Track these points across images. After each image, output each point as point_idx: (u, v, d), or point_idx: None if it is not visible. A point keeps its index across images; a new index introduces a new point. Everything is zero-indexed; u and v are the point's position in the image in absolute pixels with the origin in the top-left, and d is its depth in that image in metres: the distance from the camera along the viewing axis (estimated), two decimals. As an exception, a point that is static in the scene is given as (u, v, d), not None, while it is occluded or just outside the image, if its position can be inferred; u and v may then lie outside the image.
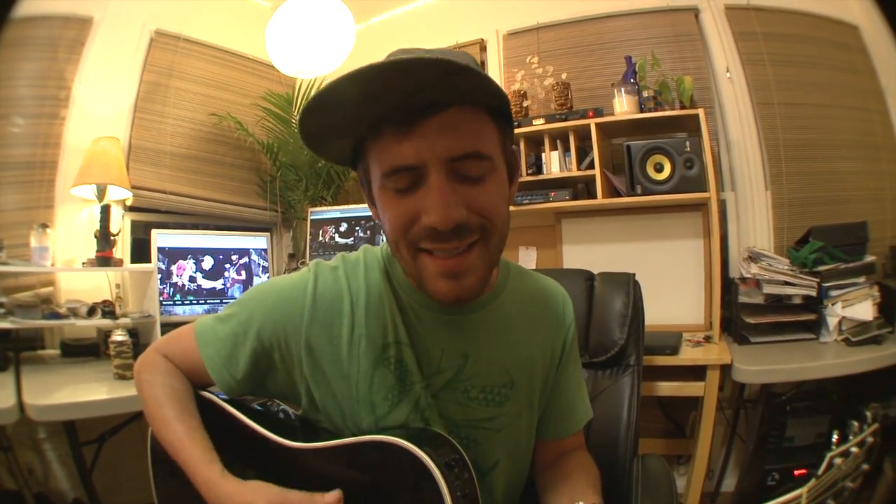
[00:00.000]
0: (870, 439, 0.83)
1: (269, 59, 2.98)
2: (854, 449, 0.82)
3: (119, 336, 2.16)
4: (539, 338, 1.02)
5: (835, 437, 0.84)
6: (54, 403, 1.99)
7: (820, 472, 0.80)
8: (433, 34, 3.45)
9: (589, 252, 2.91)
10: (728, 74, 2.81)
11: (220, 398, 1.00)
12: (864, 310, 2.27)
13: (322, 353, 0.93)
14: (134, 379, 1.02)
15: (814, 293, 2.33)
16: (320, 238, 3.15)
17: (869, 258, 2.39)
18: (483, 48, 3.31)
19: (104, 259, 2.53)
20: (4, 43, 2.51)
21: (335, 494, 0.81)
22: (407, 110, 0.76)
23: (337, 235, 3.12)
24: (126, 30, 2.95)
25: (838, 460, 0.80)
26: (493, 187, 0.82)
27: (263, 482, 0.86)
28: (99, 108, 2.85)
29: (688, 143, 2.41)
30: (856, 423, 0.84)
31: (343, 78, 0.71)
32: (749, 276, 2.42)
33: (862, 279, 2.31)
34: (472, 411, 0.95)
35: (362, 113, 0.78)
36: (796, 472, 2.25)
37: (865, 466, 0.83)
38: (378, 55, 0.79)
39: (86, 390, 2.12)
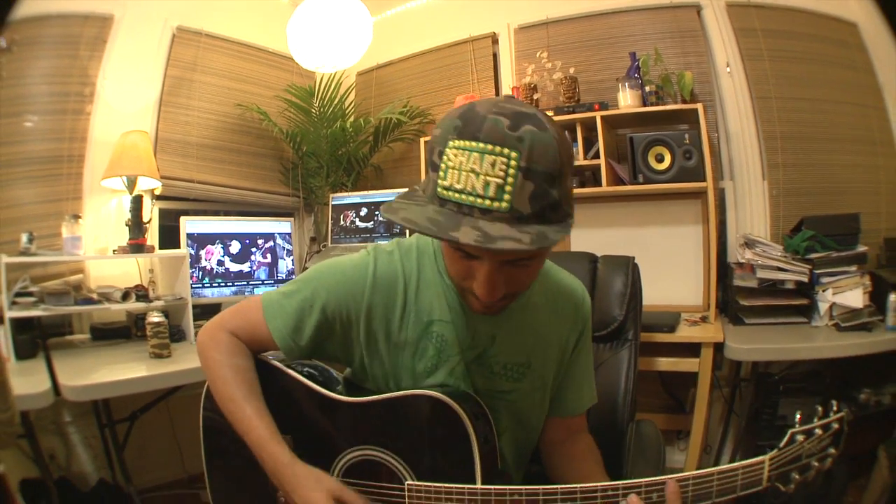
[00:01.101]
0: (835, 426, 0.93)
1: (289, 52, 3.09)
2: (818, 431, 0.93)
3: (155, 318, 2.24)
4: (557, 329, 1.17)
5: (798, 416, 0.95)
6: (92, 383, 2.04)
7: (781, 444, 0.93)
8: (447, 28, 3.59)
9: (595, 236, 3.01)
10: (728, 69, 2.89)
11: (273, 360, 1.16)
12: (855, 297, 2.34)
13: (377, 325, 1.09)
14: (200, 354, 1.14)
15: (805, 279, 2.43)
16: (341, 222, 3.30)
17: (861, 248, 2.46)
18: (495, 41, 3.45)
19: (137, 246, 2.62)
20: (23, 42, 2.62)
21: None
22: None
23: (357, 220, 3.27)
24: (148, 27, 3.05)
25: (800, 437, 0.92)
26: (534, 267, 0.98)
27: (326, 473, 1.01)
28: (124, 103, 2.96)
29: (687, 136, 2.53)
30: (820, 409, 0.95)
31: (439, 232, 0.84)
32: (744, 261, 2.54)
33: (853, 268, 2.39)
34: (494, 383, 1.11)
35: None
36: None
37: (833, 450, 0.93)
38: (393, 47, 0.98)
39: (123, 369, 2.17)
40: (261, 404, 1.07)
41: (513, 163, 0.82)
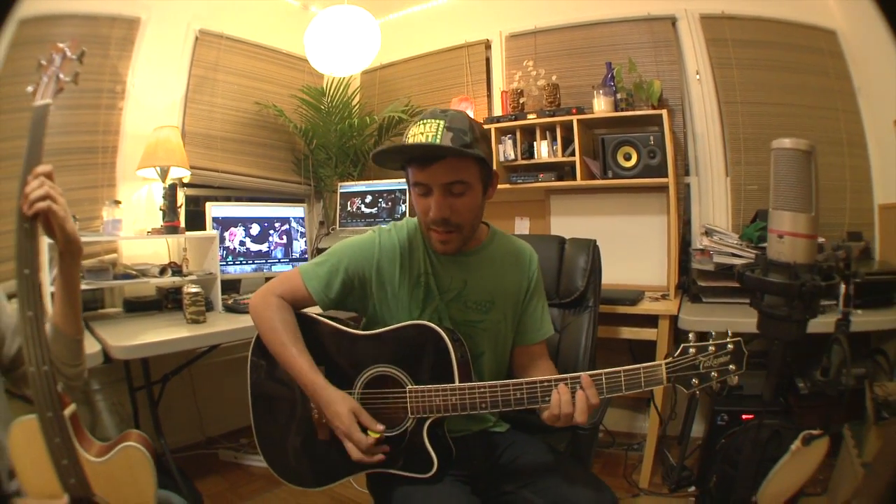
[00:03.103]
0: (730, 346, 1.24)
1: (301, 53, 3.40)
2: (711, 348, 1.24)
3: (193, 288, 2.58)
4: (512, 277, 1.59)
5: (691, 336, 1.27)
6: (140, 343, 2.28)
7: (676, 354, 1.26)
8: (445, 33, 3.89)
9: (572, 223, 3.34)
10: (697, 76, 3.16)
11: (311, 314, 1.55)
12: None
13: (384, 280, 1.52)
14: (254, 313, 1.53)
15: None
16: (348, 208, 3.66)
17: (818, 240, 2.72)
18: (488, 47, 3.76)
19: (172, 228, 2.90)
20: (48, 38, 2.72)
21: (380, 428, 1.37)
22: (427, 158, 1.37)
23: (363, 206, 3.63)
24: (172, 30, 3.31)
25: (692, 350, 1.25)
26: (468, 200, 1.42)
27: (350, 395, 1.42)
28: (153, 100, 3.22)
29: (652, 138, 2.87)
30: (714, 332, 1.28)
31: (400, 146, 1.38)
32: (703, 247, 2.86)
33: None
34: (468, 315, 1.54)
35: (407, 158, 1.42)
36: (743, 416, 2.47)
37: (733, 367, 1.23)
38: (395, 49, 2.21)
39: (166, 332, 2.44)
40: (303, 346, 1.47)
41: (440, 122, 1.36)
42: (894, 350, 2.55)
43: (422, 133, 1.35)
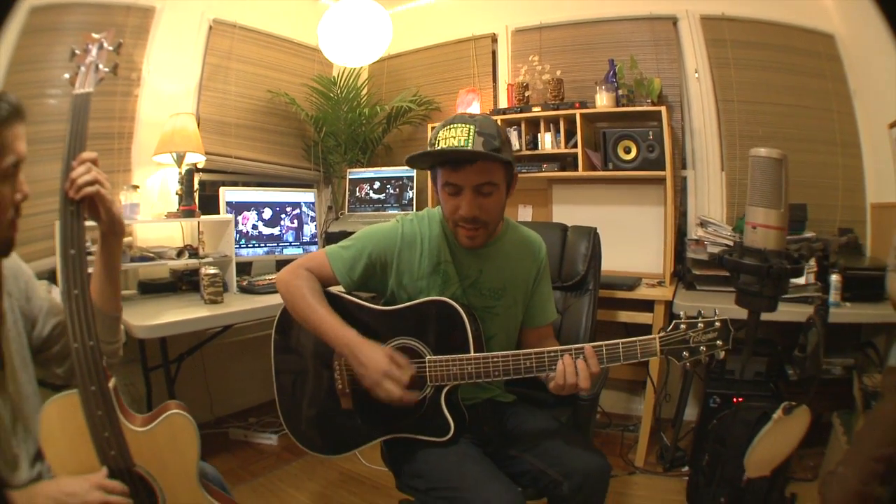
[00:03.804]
0: (717, 323, 1.38)
1: (312, 43, 3.51)
2: (700, 325, 1.39)
3: (212, 270, 2.66)
4: (522, 265, 1.73)
5: (682, 314, 1.42)
6: (161, 322, 2.34)
7: (668, 329, 1.41)
8: (452, 25, 4.00)
9: (573, 211, 3.46)
10: (696, 75, 3.27)
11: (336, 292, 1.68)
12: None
13: (404, 265, 1.66)
14: (284, 284, 1.64)
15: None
16: (357, 194, 3.80)
17: (808, 234, 2.79)
18: (494, 41, 3.87)
19: (189, 212, 2.97)
20: (61, 26, 2.77)
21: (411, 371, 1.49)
22: (460, 161, 1.49)
23: (371, 192, 3.77)
24: (186, 19, 3.37)
25: (682, 326, 1.40)
26: (495, 199, 1.55)
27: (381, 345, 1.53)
28: (168, 87, 3.28)
29: (651, 133, 3.00)
30: (703, 311, 1.41)
31: (440, 150, 1.48)
32: (698, 237, 2.99)
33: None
34: (483, 301, 1.67)
35: (440, 161, 1.54)
36: (735, 399, 2.56)
37: (720, 343, 1.38)
38: (404, 39, 2.56)
39: (185, 312, 2.49)
40: (330, 308, 1.57)
41: (470, 127, 1.47)
42: (884, 343, 2.66)
43: (454, 137, 1.48)
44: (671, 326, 1.42)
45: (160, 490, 1.24)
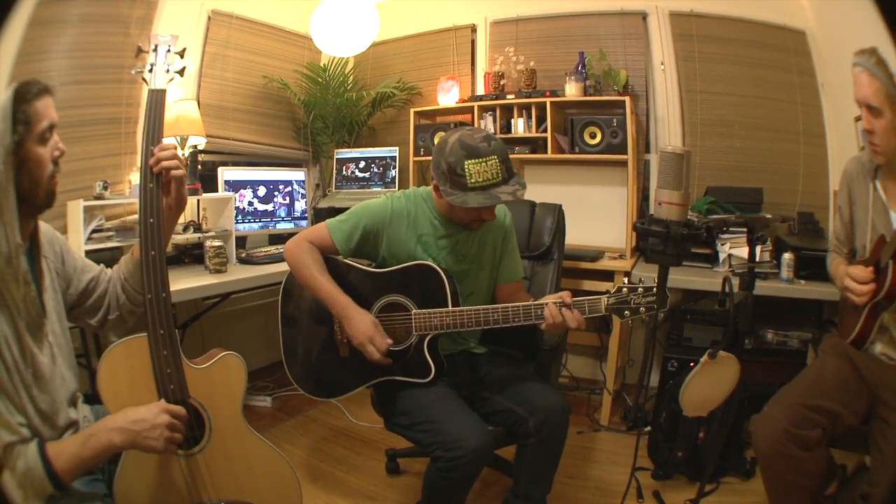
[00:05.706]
0: (655, 289, 1.68)
1: (304, 31, 3.69)
2: (640, 289, 1.70)
3: (217, 242, 2.92)
4: (492, 233, 2.04)
5: (626, 280, 1.74)
6: (175, 289, 2.31)
7: (612, 290, 1.72)
8: (435, 15, 4.18)
9: (543, 190, 3.58)
10: (662, 67, 3.48)
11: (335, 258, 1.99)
12: (744, 251, 2.62)
13: (394, 235, 1.95)
14: (290, 254, 1.94)
15: (703, 234, 2.75)
16: (343, 173, 4.06)
17: (765, 215, 2.88)
18: (474, 31, 4.08)
19: (193, 190, 3.07)
20: (66, 18, 2.88)
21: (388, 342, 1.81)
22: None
23: (357, 171, 4.04)
24: (187, 10, 3.50)
25: (625, 290, 1.71)
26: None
27: (370, 313, 1.84)
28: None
29: (615, 120, 3.27)
30: (642, 278, 1.73)
31: (488, 204, 1.76)
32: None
33: (744, 229, 2.62)
34: (459, 265, 1.98)
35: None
36: (691, 364, 2.52)
37: (655, 307, 1.67)
38: (388, 28, 3.14)
39: (192, 281, 2.69)
40: (330, 277, 1.89)
41: (495, 158, 1.73)
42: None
43: (486, 172, 1.73)
44: (615, 289, 1.73)
45: (209, 419, 1.47)
